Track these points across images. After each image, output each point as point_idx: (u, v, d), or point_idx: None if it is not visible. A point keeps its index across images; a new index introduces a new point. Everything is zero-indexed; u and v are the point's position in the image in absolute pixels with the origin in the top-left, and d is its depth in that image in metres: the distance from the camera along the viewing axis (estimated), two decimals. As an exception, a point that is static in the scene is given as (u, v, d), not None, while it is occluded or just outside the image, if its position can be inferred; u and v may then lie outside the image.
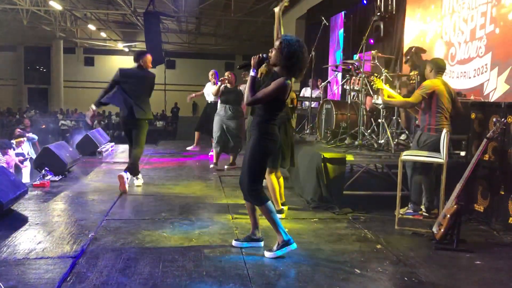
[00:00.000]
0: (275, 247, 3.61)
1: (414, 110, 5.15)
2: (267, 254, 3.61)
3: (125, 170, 5.82)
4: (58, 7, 17.68)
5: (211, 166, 7.63)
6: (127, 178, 5.77)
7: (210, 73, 8.68)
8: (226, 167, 7.58)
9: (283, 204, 4.88)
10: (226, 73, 7.47)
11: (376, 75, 5.46)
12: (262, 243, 3.81)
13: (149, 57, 5.87)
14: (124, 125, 6.01)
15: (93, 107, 5.83)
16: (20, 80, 29.48)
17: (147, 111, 5.82)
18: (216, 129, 7.42)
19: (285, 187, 6.06)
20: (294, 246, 3.59)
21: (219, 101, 7.54)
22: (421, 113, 4.85)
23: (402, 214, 4.76)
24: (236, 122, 7.37)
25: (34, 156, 9.82)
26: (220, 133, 7.36)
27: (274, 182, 4.76)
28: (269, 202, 3.63)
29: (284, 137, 4.70)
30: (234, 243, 3.82)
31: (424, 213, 4.82)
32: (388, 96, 5.20)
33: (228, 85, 7.36)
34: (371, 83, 5.47)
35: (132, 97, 5.72)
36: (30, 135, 11.69)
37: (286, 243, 3.58)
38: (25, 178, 8.87)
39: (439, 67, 4.81)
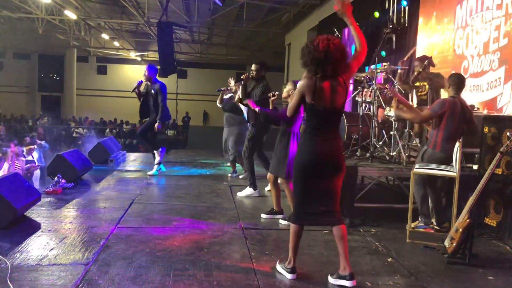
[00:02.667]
0: (283, 262, 3.50)
1: (427, 123, 5.13)
2: (277, 265, 3.55)
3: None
4: (72, 16, 17.98)
5: (229, 175, 7.87)
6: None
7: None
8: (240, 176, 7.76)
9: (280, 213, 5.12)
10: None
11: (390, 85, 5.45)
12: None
13: None
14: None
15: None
16: (34, 87, 29.88)
17: None
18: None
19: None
20: (290, 276, 3.38)
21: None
22: (431, 128, 4.83)
23: (413, 227, 4.73)
24: (229, 130, 7.69)
25: (43, 164, 9.98)
26: (224, 141, 7.84)
27: (287, 190, 4.92)
28: (297, 226, 3.46)
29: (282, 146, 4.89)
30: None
31: (435, 227, 4.79)
32: (400, 107, 5.18)
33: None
34: (385, 91, 5.46)
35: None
36: (43, 143, 11.83)
37: (288, 270, 3.41)
38: (34, 185, 8.96)
39: (457, 84, 4.69)
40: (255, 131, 6.11)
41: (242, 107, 6.93)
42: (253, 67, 6.32)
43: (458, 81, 4.72)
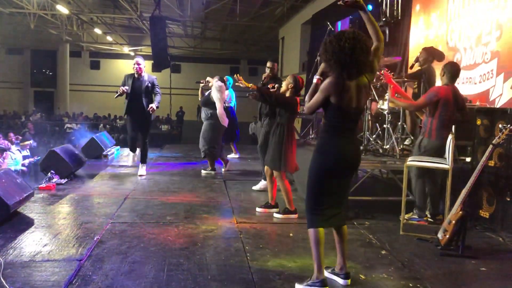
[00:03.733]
0: (307, 281, 3.15)
1: (420, 112, 5.14)
2: (297, 286, 3.17)
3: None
4: (65, 11, 17.83)
5: (222, 169, 7.92)
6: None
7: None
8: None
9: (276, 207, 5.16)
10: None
11: (387, 69, 5.41)
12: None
13: None
14: None
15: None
16: (27, 83, 29.69)
17: None
18: None
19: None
20: None
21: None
22: (425, 116, 4.84)
23: (407, 219, 4.75)
24: (204, 124, 7.63)
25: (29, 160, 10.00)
26: None
27: (286, 184, 4.97)
28: (317, 230, 3.14)
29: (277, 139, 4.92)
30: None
31: (429, 219, 4.81)
32: (396, 94, 5.18)
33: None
34: (380, 78, 5.44)
35: None
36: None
37: (318, 283, 3.07)
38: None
39: (452, 73, 4.73)
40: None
41: (217, 103, 7.01)
42: (269, 64, 6.15)
43: (452, 70, 4.75)
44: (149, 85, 7.04)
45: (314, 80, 3.28)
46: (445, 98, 4.61)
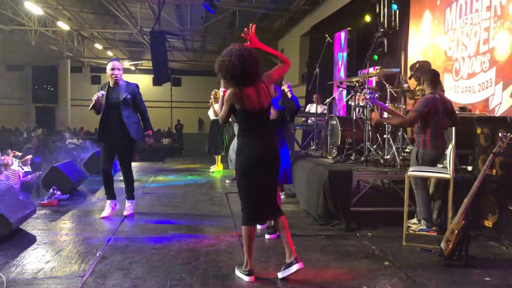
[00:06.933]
0: (239, 268, 3.59)
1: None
2: (236, 271, 3.59)
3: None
4: (65, 27, 17.98)
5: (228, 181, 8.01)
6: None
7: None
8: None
9: None
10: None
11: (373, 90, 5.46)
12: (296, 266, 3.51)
13: None
14: None
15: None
16: (28, 99, 29.80)
17: None
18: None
19: (292, 203, 6.12)
20: (248, 279, 3.46)
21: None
22: (417, 128, 4.84)
23: (415, 230, 4.74)
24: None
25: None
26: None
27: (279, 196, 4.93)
28: (249, 227, 3.49)
29: None
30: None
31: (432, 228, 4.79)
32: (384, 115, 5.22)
33: None
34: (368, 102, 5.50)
35: None
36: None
37: (246, 272, 3.50)
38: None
39: (432, 80, 4.78)
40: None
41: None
42: None
43: (432, 77, 4.81)
44: (128, 96, 5.25)
45: (221, 93, 3.74)
46: (434, 107, 4.64)
